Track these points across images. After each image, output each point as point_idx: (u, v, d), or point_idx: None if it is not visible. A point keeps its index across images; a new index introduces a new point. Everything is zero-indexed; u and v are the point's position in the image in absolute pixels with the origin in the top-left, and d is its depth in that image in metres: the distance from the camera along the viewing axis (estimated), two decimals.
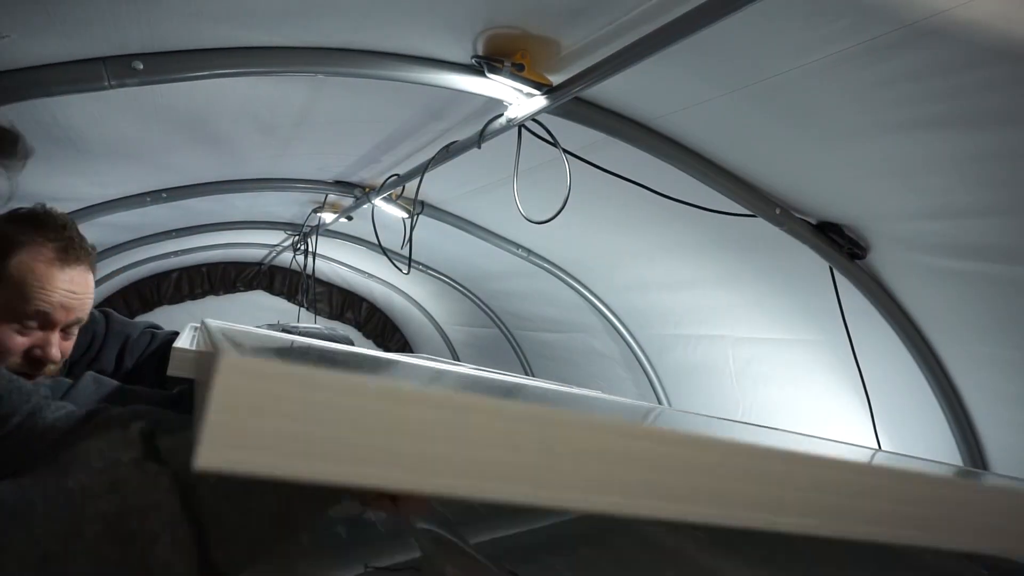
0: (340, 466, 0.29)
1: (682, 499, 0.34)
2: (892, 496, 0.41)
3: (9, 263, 1.03)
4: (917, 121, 1.19)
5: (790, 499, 0.37)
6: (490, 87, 1.39)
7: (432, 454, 0.30)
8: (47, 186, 2.06)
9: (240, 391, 0.27)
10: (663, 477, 0.33)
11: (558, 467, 0.32)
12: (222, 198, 2.68)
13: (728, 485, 0.35)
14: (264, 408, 0.27)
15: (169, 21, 1.18)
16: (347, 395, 0.29)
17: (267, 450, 0.27)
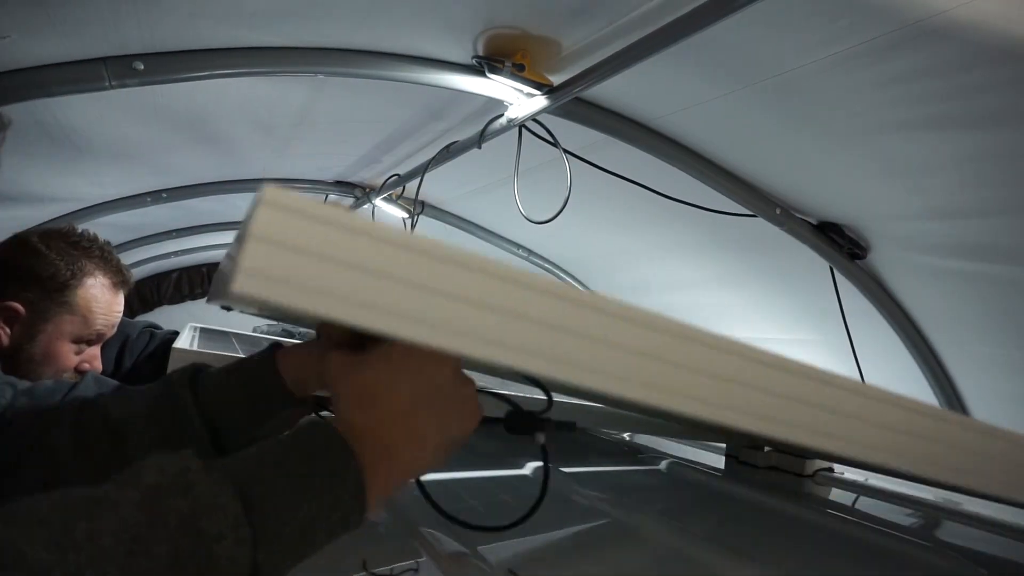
0: (370, 312, 0.30)
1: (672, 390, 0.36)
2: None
3: (76, 292, 1.08)
4: (917, 121, 1.19)
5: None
6: (490, 87, 1.39)
7: (468, 317, 0.31)
8: (48, 186, 2.06)
9: (279, 224, 0.28)
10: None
11: (566, 343, 0.34)
12: (222, 198, 2.69)
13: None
14: (301, 243, 0.29)
15: (169, 21, 1.18)
16: (385, 243, 0.30)
17: (301, 285, 0.28)
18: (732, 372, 0.38)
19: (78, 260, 1.10)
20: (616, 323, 0.35)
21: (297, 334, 2.77)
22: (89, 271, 1.11)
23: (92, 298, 1.11)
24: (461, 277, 0.32)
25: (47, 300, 1.07)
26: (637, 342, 0.35)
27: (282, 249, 0.29)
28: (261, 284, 0.28)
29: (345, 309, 0.29)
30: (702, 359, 0.37)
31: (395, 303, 0.31)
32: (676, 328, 0.37)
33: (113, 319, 1.16)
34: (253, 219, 0.28)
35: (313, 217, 0.30)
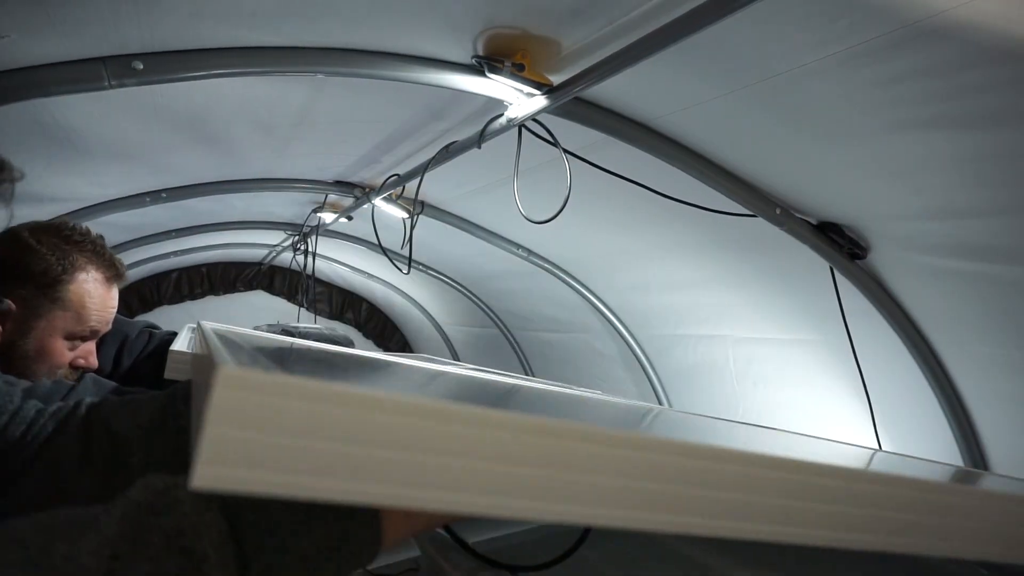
0: (343, 483, 0.27)
1: (672, 510, 0.33)
2: (879, 502, 0.40)
3: (68, 288, 1.07)
4: (917, 121, 1.19)
5: (791, 508, 0.36)
6: (490, 87, 1.39)
7: (442, 468, 0.28)
8: (47, 186, 2.06)
9: (238, 404, 0.26)
10: (652, 486, 0.32)
11: (564, 481, 0.30)
12: (222, 198, 2.68)
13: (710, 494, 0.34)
14: (264, 422, 0.26)
15: (169, 21, 1.18)
16: (351, 407, 0.27)
17: (267, 467, 0.26)
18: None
19: (70, 255, 1.08)
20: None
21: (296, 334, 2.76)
22: (81, 266, 1.09)
23: (85, 293, 1.09)
24: (453, 431, 0.29)
25: (39, 296, 1.05)
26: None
27: (242, 432, 0.26)
28: (221, 475, 0.25)
29: (308, 487, 0.26)
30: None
31: (388, 472, 0.28)
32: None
33: (107, 314, 1.14)
34: (209, 405, 0.25)
35: (275, 393, 0.26)
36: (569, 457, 0.31)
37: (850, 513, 0.38)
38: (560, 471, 0.31)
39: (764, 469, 0.35)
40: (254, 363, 0.33)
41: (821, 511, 0.37)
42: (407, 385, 0.54)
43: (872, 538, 0.38)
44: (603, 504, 0.32)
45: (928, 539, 0.41)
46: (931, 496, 0.41)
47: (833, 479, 0.38)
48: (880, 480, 0.39)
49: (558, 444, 0.31)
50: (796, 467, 0.36)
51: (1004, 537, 0.44)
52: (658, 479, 0.32)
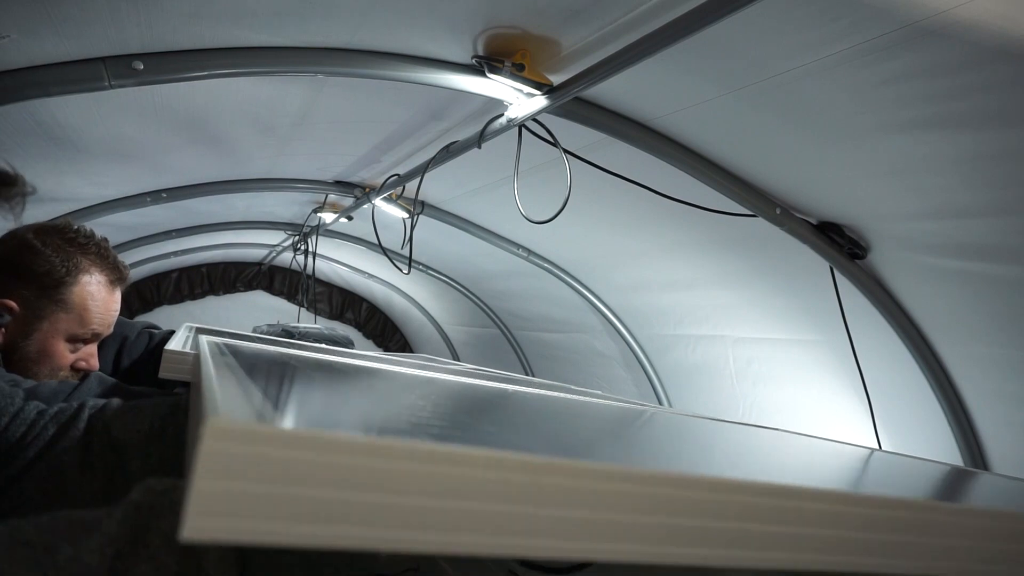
0: (338, 529, 0.27)
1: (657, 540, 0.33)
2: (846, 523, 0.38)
3: (72, 290, 1.06)
4: (917, 121, 1.19)
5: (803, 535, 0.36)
6: (490, 87, 1.39)
7: (449, 512, 0.28)
8: (46, 186, 2.05)
9: (228, 455, 0.25)
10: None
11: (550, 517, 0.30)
12: (222, 198, 2.68)
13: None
14: (254, 472, 0.26)
15: (169, 21, 1.18)
16: (342, 454, 0.27)
17: (259, 516, 0.25)
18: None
19: (74, 257, 1.08)
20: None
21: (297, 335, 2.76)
22: (85, 268, 1.09)
23: (88, 296, 1.09)
24: (448, 473, 0.29)
25: (42, 297, 1.05)
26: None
27: (233, 483, 0.26)
28: (211, 526, 0.25)
29: (297, 535, 0.26)
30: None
31: (401, 517, 0.28)
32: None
33: (110, 318, 1.14)
34: (197, 459, 0.25)
35: (265, 442, 0.26)
36: (548, 493, 0.31)
37: (811, 535, 0.37)
38: (543, 507, 0.31)
39: (725, 494, 0.34)
40: (245, 402, 0.33)
41: (776, 533, 0.36)
42: (396, 411, 0.54)
43: (839, 559, 0.37)
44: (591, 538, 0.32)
45: (897, 558, 0.40)
46: (898, 514, 0.40)
47: (786, 499, 0.37)
48: (844, 500, 0.39)
49: (538, 481, 0.31)
50: (757, 490, 0.35)
51: (979, 552, 0.43)
52: (623, 509, 0.32)
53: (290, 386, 0.63)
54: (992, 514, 0.45)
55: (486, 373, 1.71)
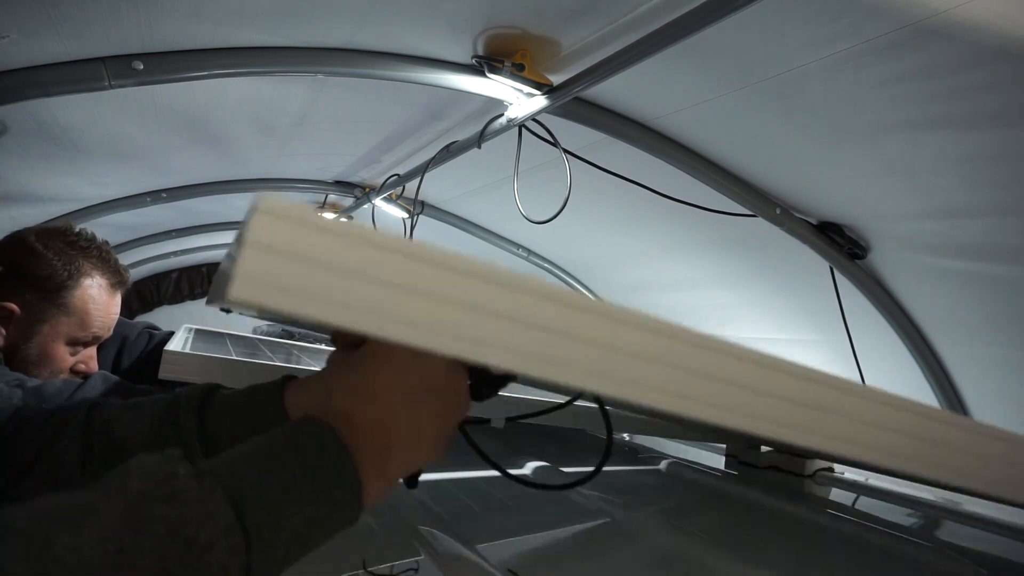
0: (362, 316, 0.30)
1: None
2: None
3: (73, 294, 1.07)
4: (917, 121, 1.19)
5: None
6: (490, 87, 1.39)
7: (464, 322, 0.32)
8: (47, 186, 2.06)
9: (273, 231, 0.29)
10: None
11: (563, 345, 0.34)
12: (222, 198, 2.68)
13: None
14: (295, 249, 0.30)
15: (169, 21, 1.18)
16: (378, 249, 0.31)
17: (295, 291, 0.29)
18: (722, 372, 0.39)
19: (75, 260, 1.08)
20: (603, 323, 0.37)
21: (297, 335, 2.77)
22: (86, 272, 1.09)
23: (89, 299, 1.09)
24: (448, 280, 0.33)
25: (43, 301, 1.05)
26: (618, 340, 0.37)
27: (276, 256, 0.30)
28: (257, 290, 0.29)
29: (337, 313, 0.30)
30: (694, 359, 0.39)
31: (387, 307, 0.32)
32: (667, 328, 0.40)
33: (110, 321, 1.15)
34: (248, 227, 0.29)
35: (307, 224, 0.30)
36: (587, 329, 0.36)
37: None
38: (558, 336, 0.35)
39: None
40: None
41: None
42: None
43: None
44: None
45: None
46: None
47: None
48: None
49: (559, 310, 0.35)
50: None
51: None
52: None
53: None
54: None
55: None
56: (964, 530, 1.04)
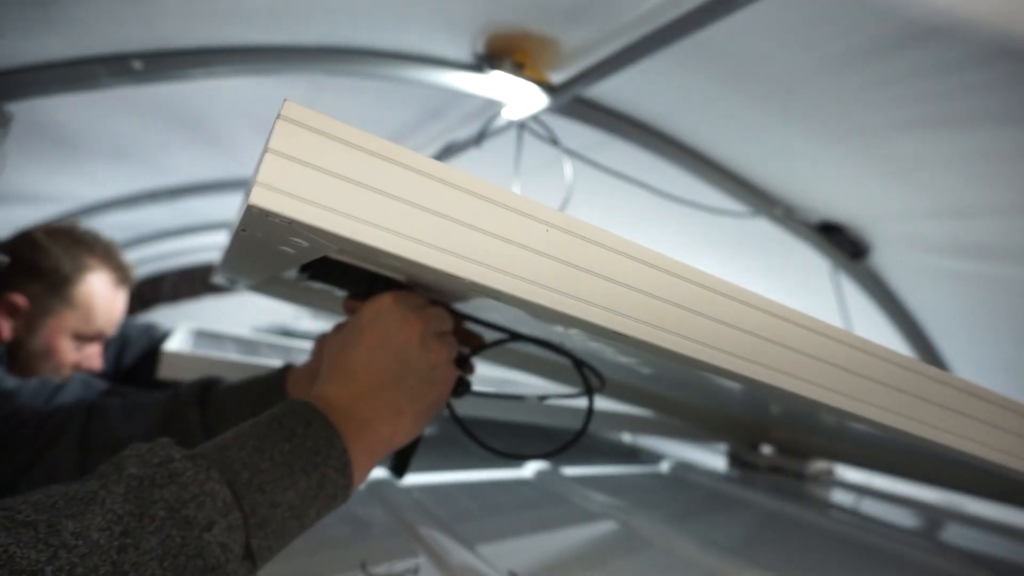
0: (378, 232, 0.30)
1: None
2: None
3: (77, 289, 1.08)
4: (919, 120, 1.19)
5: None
6: (489, 86, 1.39)
7: (483, 246, 0.32)
8: (45, 186, 2.06)
9: (295, 137, 0.29)
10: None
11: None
12: (222, 198, 2.68)
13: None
14: (317, 160, 0.29)
15: (168, 20, 1.18)
16: (399, 164, 0.31)
17: (313, 201, 0.29)
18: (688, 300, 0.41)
19: (81, 255, 1.11)
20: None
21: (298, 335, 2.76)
22: (91, 267, 1.12)
23: (93, 294, 1.11)
24: (465, 203, 0.34)
25: (49, 294, 1.07)
26: (626, 275, 0.38)
27: (298, 165, 0.29)
28: (276, 198, 0.29)
29: (352, 226, 0.30)
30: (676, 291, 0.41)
31: (407, 225, 0.31)
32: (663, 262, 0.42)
33: (115, 317, 1.16)
34: (272, 134, 0.30)
35: (330, 135, 0.30)
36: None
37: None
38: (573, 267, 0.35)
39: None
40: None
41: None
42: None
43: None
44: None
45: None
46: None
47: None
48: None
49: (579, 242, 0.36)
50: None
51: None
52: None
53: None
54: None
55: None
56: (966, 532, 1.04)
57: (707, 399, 1.18)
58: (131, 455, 0.40)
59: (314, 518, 0.43)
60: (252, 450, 0.42)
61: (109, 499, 0.36)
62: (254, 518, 0.40)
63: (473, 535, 0.70)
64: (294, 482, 0.42)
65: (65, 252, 1.09)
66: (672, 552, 0.74)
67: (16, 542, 0.33)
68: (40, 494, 0.37)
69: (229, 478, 0.40)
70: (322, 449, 0.44)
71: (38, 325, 1.06)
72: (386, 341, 0.51)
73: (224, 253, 0.57)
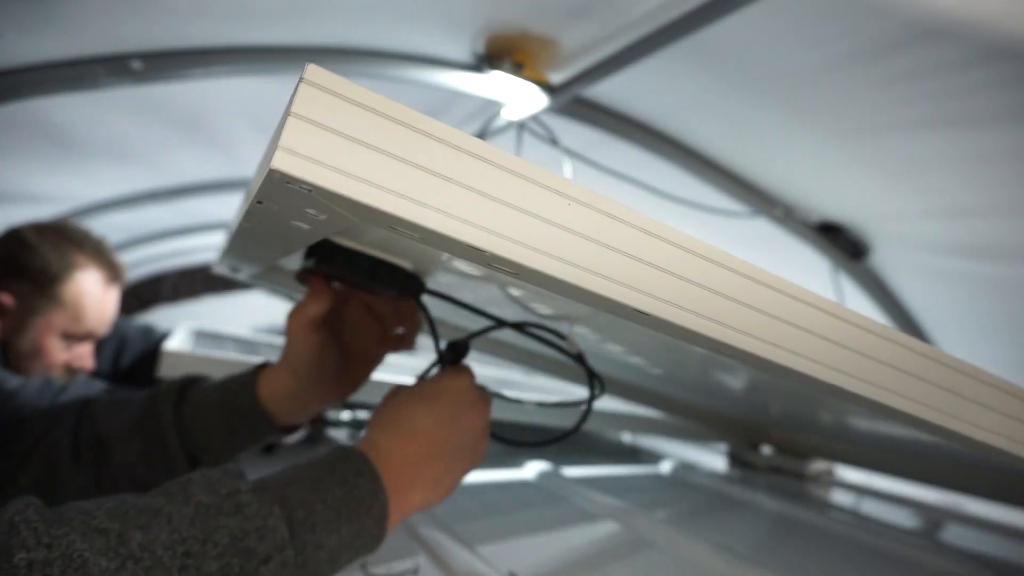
0: (402, 201, 0.30)
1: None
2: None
3: (65, 287, 1.06)
4: (919, 120, 1.19)
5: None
6: (489, 86, 1.39)
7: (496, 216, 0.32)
8: (44, 186, 2.05)
9: (320, 102, 0.29)
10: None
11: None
12: (221, 199, 2.68)
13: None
14: (342, 125, 0.29)
15: (167, 20, 1.18)
16: (424, 132, 0.31)
17: (337, 168, 0.29)
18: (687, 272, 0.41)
19: (69, 253, 1.09)
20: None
21: None
22: (80, 265, 1.10)
23: (82, 293, 1.09)
24: (497, 178, 0.33)
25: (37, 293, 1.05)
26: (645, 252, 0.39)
27: (322, 130, 0.29)
28: (299, 163, 0.28)
29: (376, 194, 0.30)
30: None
31: (430, 195, 0.31)
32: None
33: (106, 316, 1.14)
34: (295, 98, 0.29)
35: (354, 101, 0.30)
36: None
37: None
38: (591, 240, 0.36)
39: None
40: None
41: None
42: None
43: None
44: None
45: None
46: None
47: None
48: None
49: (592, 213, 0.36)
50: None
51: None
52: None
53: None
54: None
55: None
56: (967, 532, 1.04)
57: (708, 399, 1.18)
58: (199, 480, 0.41)
59: (345, 563, 0.45)
60: (309, 491, 0.43)
61: (176, 518, 0.38)
62: (300, 556, 0.41)
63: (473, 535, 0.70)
64: (339, 527, 0.43)
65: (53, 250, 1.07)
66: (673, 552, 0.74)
67: (90, 547, 0.34)
68: (114, 501, 0.38)
69: (287, 515, 0.41)
70: (367, 500, 0.45)
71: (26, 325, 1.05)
72: (456, 416, 0.52)
73: (229, 237, 0.57)
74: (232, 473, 0.42)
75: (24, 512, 0.34)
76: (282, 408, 0.62)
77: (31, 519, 0.34)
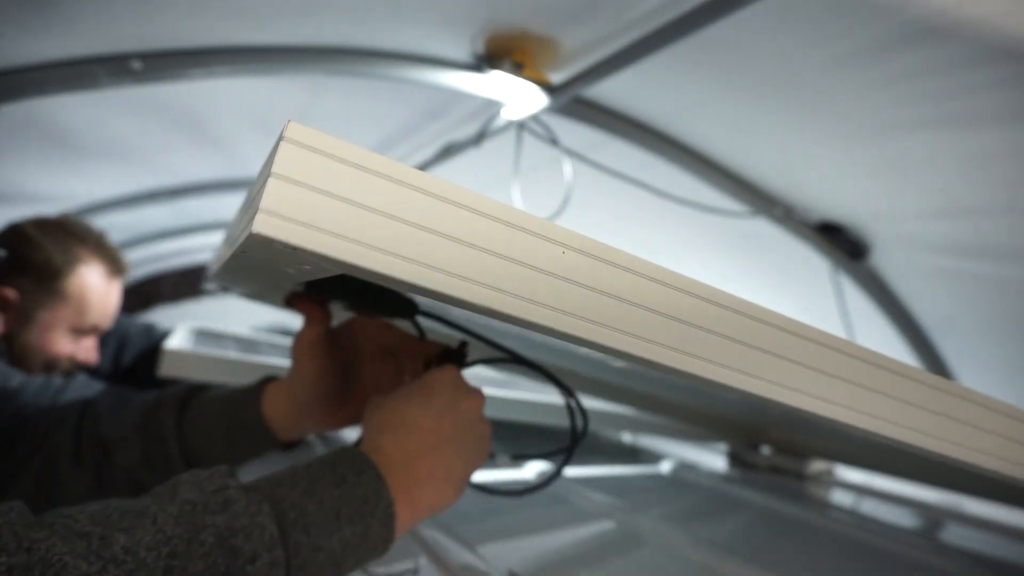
0: (390, 259, 0.29)
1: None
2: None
3: (70, 281, 1.07)
4: (919, 120, 1.19)
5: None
6: (489, 86, 1.39)
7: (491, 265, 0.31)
8: (44, 186, 2.05)
9: (299, 159, 0.28)
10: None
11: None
12: (221, 199, 2.68)
13: None
14: (320, 180, 0.28)
15: (167, 20, 1.18)
16: (411, 186, 0.29)
17: (320, 228, 0.28)
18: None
19: (72, 248, 1.09)
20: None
21: None
22: (83, 259, 1.10)
23: (86, 286, 1.10)
24: (481, 226, 0.32)
25: (40, 288, 1.06)
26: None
27: (305, 190, 0.28)
28: (281, 225, 0.27)
29: (361, 253, 0.29)
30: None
31: (421, 252, 0.30)
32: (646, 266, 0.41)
33: (109, 309, 1.14)
34: (275, 156, 0.28)
35: (338, 158, 0.29)
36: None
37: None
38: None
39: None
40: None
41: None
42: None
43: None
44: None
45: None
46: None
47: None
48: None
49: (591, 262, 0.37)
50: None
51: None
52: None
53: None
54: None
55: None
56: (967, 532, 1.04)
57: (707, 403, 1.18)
58: (187, 480, 0.40)
59: (351, 568, 0.44)
60: (302, 492, 0.42)
61: (161, 518, 0.37)
62: (296, 559, 0.40)
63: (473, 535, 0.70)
64: (339, 528, 0.42)
65: (56, 244, 1.07)
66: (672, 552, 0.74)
67: (71, 552, 0.33)
68: (98, 505, 0.37)
69: (278, 515, 0.40)
70: (370, 499, 0.44)
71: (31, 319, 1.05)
72: (454, 404, 0.51)
73: (218, 263, 0.56)
74: (222, 472, 0.41)
75: (6, 516, 0.34)
76: (283, 425, 0.61)
77: (12, 523, 0.33)
